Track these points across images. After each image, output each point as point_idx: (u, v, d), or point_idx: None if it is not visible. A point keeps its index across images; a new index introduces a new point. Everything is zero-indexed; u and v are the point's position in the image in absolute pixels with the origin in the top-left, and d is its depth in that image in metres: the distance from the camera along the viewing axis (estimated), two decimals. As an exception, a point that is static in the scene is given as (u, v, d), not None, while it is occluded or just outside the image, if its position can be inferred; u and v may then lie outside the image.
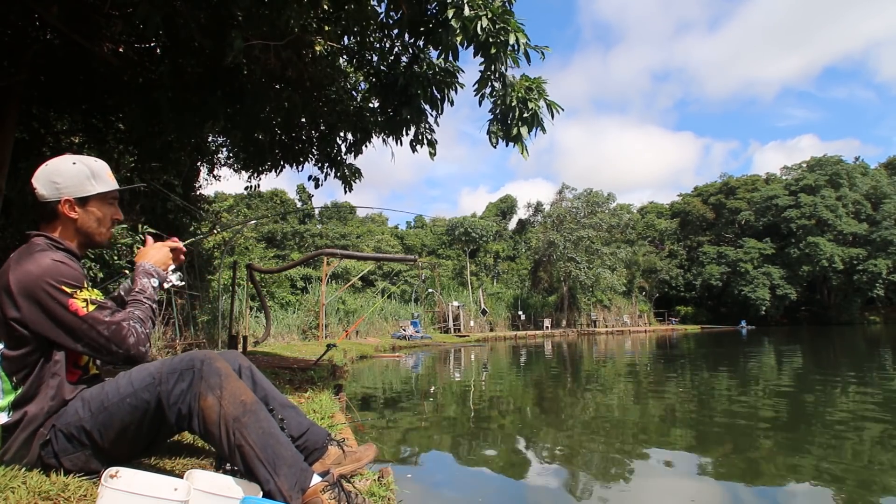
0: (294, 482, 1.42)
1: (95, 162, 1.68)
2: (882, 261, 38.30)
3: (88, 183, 1.63)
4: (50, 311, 1.48)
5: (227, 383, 1.52)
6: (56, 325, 1.49)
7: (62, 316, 1.48)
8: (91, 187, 1.64)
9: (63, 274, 1.51)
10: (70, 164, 1.63)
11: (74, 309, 1.49)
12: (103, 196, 1.67)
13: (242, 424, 1.46)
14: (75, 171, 1.62)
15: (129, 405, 1.51)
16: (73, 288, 1.51)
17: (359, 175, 6.10)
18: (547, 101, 3.87)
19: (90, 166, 1.65)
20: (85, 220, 1.64)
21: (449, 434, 5.15)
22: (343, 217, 41.72)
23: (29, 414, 1.50)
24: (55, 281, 1.48)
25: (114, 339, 1.50)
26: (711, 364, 12.32)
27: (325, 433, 1.86)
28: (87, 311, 1.50)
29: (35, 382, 1.52)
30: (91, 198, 1.64)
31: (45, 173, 1.61)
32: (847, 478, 3.63)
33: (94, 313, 1.51)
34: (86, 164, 1.65)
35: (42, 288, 1.47)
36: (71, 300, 1.49)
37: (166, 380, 1.51)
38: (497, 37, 3.44)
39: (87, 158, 1.67)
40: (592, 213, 33.34)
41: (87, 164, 1.65)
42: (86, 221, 1.64)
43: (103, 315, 1.52)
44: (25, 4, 3.93)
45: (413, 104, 4.47)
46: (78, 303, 1.50)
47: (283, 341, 14.93)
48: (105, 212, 1.68)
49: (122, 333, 1.51)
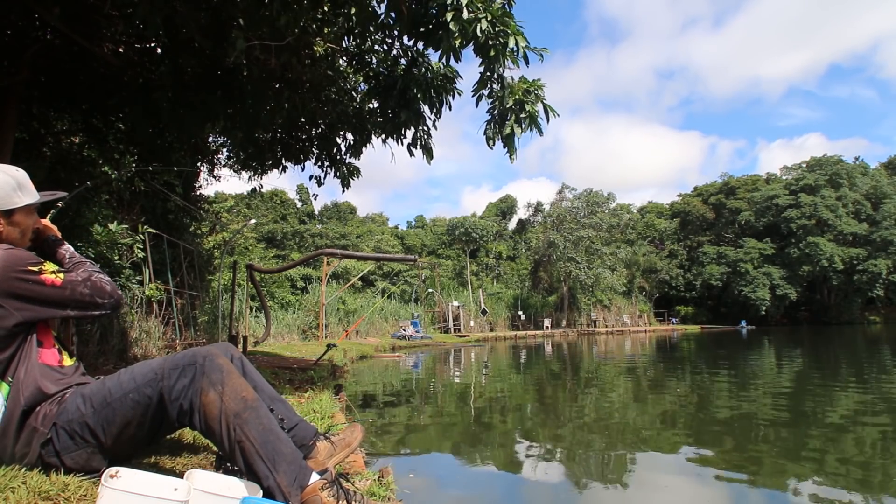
0: (293, 479, 1.43)
1: (17, 171, 1.62)
2: (882, 261, 38.28)
3: (15, 195, 1.58)
4: (29, 294, 1.50)
5: (228, 379, 1.53)
6: (40, 303, 1.52)
7: (43, 292, 1.52)
8: (18, 199, 1.59)
9: (21, 257, 1.52)
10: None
11: (51, 282, 1.53)
12: (28, 207, 1.63)
13: (243, 420, 1.47)
14: (3, 183, 1.56)
15: (132, 400, 1.52)
16: (37, 265, 1.54)
17: (357, 173, 6.11)
18: (544, 104, 3.87)
19: (15, 177, 1.59)
20: (9, 232, 1.58)
21: (449, 434, 5.16)
22: (343, 217, 41.72)
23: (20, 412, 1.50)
24: (20, 266, 1.50)
25: (95, 292, 1.59)
26: (711, 364, 12.32)
27: (313, 429, 1.86)
28: (62, 278, 1.56)
29: (20, 379, 1.51)
30: (17, 210, 1.59)
31: None
32: (847, 478, 3.63)
33: (69, 276, 1.58)
34: (10, 174, 1.58)
35: (12, 277, 1.47)
36: (42, 276, 1.53)
37: (168, 375, 1.52)
38: (496, 39, 3.44)
39: (10, 168, 1.61)
40: (592, 212, 33.33)
41: (12, 174, 1.59)
42: (10, 234, 1.59)
43: (75, 277, 1.59)
44: (25, 4, 3.93)
45: (412, 107, 4.47)
46: (49, 276, 1.54)
47: (283, 341, 14.94)
48: (28, 223, 1.65)
49: (98, 285, 1.60)
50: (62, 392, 1.57)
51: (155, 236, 7.42)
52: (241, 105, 4.75)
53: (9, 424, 1.50)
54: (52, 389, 1.55)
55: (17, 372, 1.52)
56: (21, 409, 1.50)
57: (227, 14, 3.66)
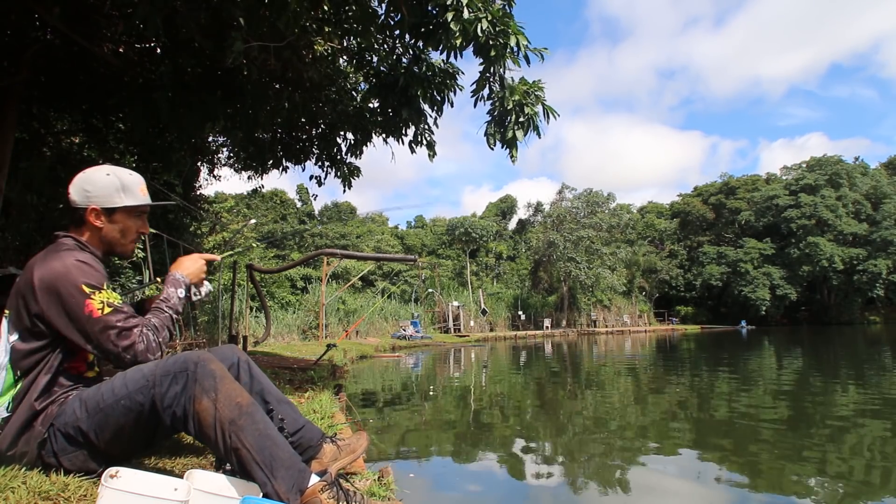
0: (291, 484, 1.41)
1: (130, 175, 1.72)
2: (882, 261, 38.28)
3: (117, 195, 1.67)
4: (67, 309, 1.51)
5: (221, 385, 1.49)
6: (70, 322, 1.52)
7: (77, 315, 1.51)
8: (119, 199, 1.68)
9: (85, 274, 1.54)
10: (104, 174, 1.68)
11: (90, 310, 1.51)
12: (130, 209, 1.71)
13: (238, 427, 1.44)
14: (106, 183, 1.66)
15: (124, 407, 1.51)
16: (93, 289, 1.54)
17: (358, 173, 6.11)
18: (544, 105, 3.87)
19: (122, 179, 1.69)
20: (109, 229, 1.69)
21: (449, 434, 5.16)
22: (343, 217, 41.72)
23: (27, 411, 1.52)
24: (76, 280, 1.52)
25: (122, 344, 1.53)
26: (711, 364, 12.32)
27: (319, 431, 1.86)
28: (102, 314, 1.52)
29: (37, 379, 1.54)
30: (118, 209, 1.68)
31: (79, 180, 1.66)
32: (847, 478, 3.63)
33: (108, 316, 1.53)
34: (118, 176, 1.69)
35: (63, 285, 1.51)
36: (88, 300, 1.52)
37: (160, 382, 1.49)
38: (497, 39, 3.44)
39: (123, 171, 1.72)
40: (592, 213, 33.34)
41: (120, 176, 1.70)
42: (110, 231, 1.69)
43: (117, 319, 1.54)
44: (25, 4, 3.93)
45: (413, 105, 4.47)
46: (94, 304, 1.52)
47: (283, 341, 14.94)
48: (130, 224, 1.72)
49: (131, 339, 1.54)
50: (66, 394, 1.57)
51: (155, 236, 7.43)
52: (241, 105, 4.75)
53: (15, 423, 1.52)
54: (57, 391, 1.56)
55: (38, 377, 1.54)
56: (32, 412, 1.52)
57: (227, 14, 3.66)
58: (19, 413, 1.52)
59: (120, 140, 6.24)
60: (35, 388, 1.53)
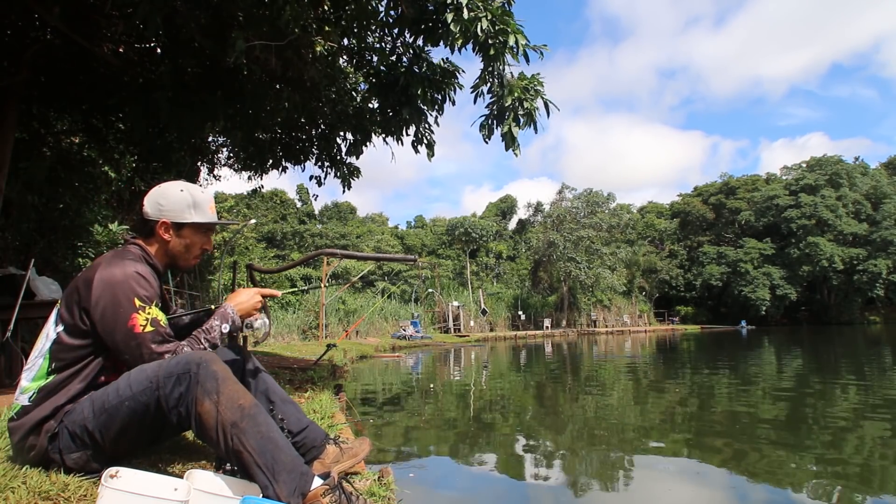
0: (293, 488, 1.40)
1: (202, 192, 1.79)
2: (882, 261, 38.28)
3: (188, 211, 1.74)
4: (113, 315, 1.55)
5: (224, 387, 1.48)
6: (112, 330, 1.56)
7: (120, 324, 1.55)
8: (189, 216, 1.74)
9: (141, 286, 1.59)
10: (178, 190, 1.74)
11: (133, 323, 1.55)
12: (199, 226, 1.77)
13: (240, 430, 1.43)
14: (179, 198, 1.73)
15: (128, 408, 1.51)
16: (143, 303, 1.58)
17: (357, 173, 6.11)
18: (544, 99, 3.87)
19: (194, 196, 1.76)
20: (176, 243, 1.75)
21: (449, 434, 5.16)
22: (343, 217, 41.72)
23: (50, 409, 1.54)
24: (130, 290, 1.57)
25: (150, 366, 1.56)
26: (712, 364, 12.32)
27: (323, 433, 1.86)
28: (143, 331, 1.56)
29: (70, 376, 1.57)
30: (187, 225, 1.74)
31: (155, 194, 1.74)
32: (848, 478, 3.63)
33: (146, 334, 1.57)
34: (191, 192, 1.76)
35: (117, 291, 1.56)
36: (135, 314, 1.56)
37: (164, 384, 1.49)
38: (496, 38, 3.44)
39: (195, 188, 1.78)
40: (592, 212, 33.35)
41: (193, 193, 1.76)
42: (176, 245, 1.75)
43: (153, 340, 1.58)
44: (25, 4, 3.93)
45: (413, 104, 4.47)
46: (140, 319, 1.56)
47: (283, 341, 14.94)
48: (196, 240, 1.78)
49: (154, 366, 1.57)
50: (81, 394, 1.59)
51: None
52: (241, 105, 4.75)
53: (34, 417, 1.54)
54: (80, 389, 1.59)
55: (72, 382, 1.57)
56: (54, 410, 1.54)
57: (227, 14, 3.66)
58: (41, 409, 1.54)
59: (120, 140, 6.24)
60: (65, 393, 1.56)
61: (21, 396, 1.57)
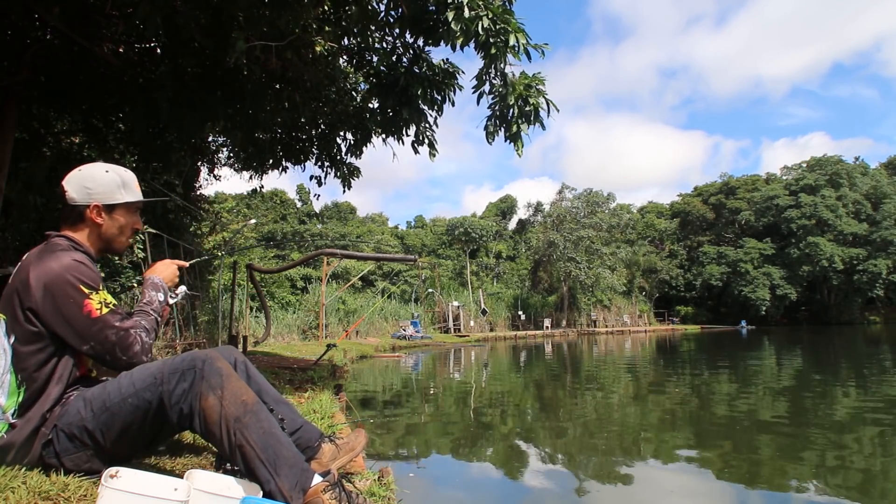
0: (295, 482, 1.42)
1: (126, 172, 1.76)
2: (882, 261, 38.26)
3: (118, 191, 1.70)
4: (65, 308, 1.51)
5: (228, 383, 1.52)
6: (67, 322, 1.52)
7: (75, 315, 1.52)
8: (120, 196, 1.70)
9: (83, 274, 1.55)
10: (103, 171, 1.70)
11: (89, 310, 1.53)
12: (129, 205, 1.74)
13: (243, 424, 1.46)
14: (107, 179, 1.69)
15: (131, 405, 1.52)
16: (91, 289, 1.55)
17: (357, 173, 6.10)
18: (545, 98, 3.87)
19: (121, 175, 1.73)
20: (109, 226, 1.70)
21: (449, 434, 5.16)
22: (343, 217, 41.71)
23: (34, 414, 1.52)
24: (75, 279, 1.53)
25: (120, 345, 1.55)
26: (712, 364, 12.32)
27: (317, 431, 1.86)
28: (101, 314, 1.54)
29: (40, 382, 1.53)
30: (118, 206, 1.71)
31: (78, 178, 1.67)
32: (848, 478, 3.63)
33: (107, 316, 1.55)
34: (118, 172, 1.72)
35: (61, 285, 1.51)
36: (87, 300, 1.53)
37: (168, 380, 1.51)
38: (497, 37, 3.44)
39: (119, 168, 1.75)
40: (592, 212, 33.34)
41: (119, 173, 1.73)
42: (109, 228, 1.71)
43: (114, 320, 1.56)
44: (25, 4, 3.93)
45: (413, 105, 4.47)
46: (93, 304, 1.54)
47: (283, 341, 14.94)
48: (128, 220, 1.75)
49: (128, 340, 1.56)
50: (68, 395, 1.57)
51: (155, 236, 7.42)
52: (241, 105, 4.75)
53: (23, 431, 1.51)
54: (69, 397, 1.57)
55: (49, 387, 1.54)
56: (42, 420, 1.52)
57: (227, 14, 3.66)
58: (28, 422, 1.51)
59: (120, 140, 6.24)
60: (47, 399, 1.53)
61: (4, 416, 1.52)
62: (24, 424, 1.51)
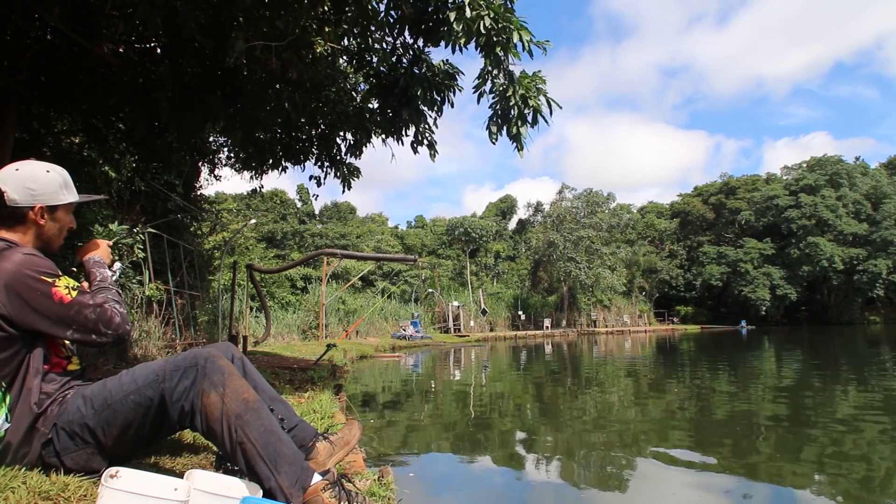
0: (295, 480, 1.43)
1: (63, 170, 1.71)
2: (882, 261, 38.25)
3: (61, 192, 1.67)
4: (35, 302, 1.49)
5: (229, 381, 1.53)
6: (42, 315, 1.49)
7: (48, 305, 1.49)
8: (63, 196, 1.67)
9: (39, 265, 1.52)
10: (44, 171, 1.65)
11: (60, 297, 1.51)
12: (69, 206, 1.70)
13: (244, 422, 1.47)
14: (50, 180, 1.64)
15: (133, 402, 1.52)
16: (52, 277, 1.53)
17: (357, 173, 6.10)
18: (546, 97, 3.87)
19: (62, 175, 1.68)
20: (50, 227, 1.67)
21: (449, 434, 5.16)
22: (343, 217, 41.70)
23: (22, 410, 1.51)
24: (34, 272, 1.50)
25: (101, 320, 1.54)
26: (712, 364, 12.32)
27: (312, 430, 1.86)
28: (72, 297, 1.53)
29: (19, 381, 1.51)
30: (60, 207, 1.67)
31: (18, 178, 1.60)
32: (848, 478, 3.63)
33: (79, 298, 1.54)
34: (58, 172, 1.68)
35: (23, 280, 1.48)
36: (54, 289, 1.51)
37: (170, 377, 1.52)
38: (500, 35, 3.44)
39: (56, 167, 1.70)
40: (592, 212, 33.35)
41: (59, 172, 1.68)
42: (51, 229, 1.67)
43: (87, 299, 1.55)
44: (25, 4, 3.93)
45: (413, 105, 4.47)
46: (61, 290, 1.52)
47: (283, 341, 14.94)
48: (66, 221, 1.72)
49: (107, 315, 1.55)
50: (64, 393, 1.57)
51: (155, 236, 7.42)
52: (241, 105, 4.74)
53: (18, 430, 1.50)
54: (53, 390, 1.56)
55: (26, 381, 1.52)
56: (34, 416, 1.51)
57: (227, 14, 3.66)
58: (20, 421, 1.50)
59: (120, 140, 6.24)
60: (30, 394, 1.51)
61: None
62: (17, 423, 1.51)
